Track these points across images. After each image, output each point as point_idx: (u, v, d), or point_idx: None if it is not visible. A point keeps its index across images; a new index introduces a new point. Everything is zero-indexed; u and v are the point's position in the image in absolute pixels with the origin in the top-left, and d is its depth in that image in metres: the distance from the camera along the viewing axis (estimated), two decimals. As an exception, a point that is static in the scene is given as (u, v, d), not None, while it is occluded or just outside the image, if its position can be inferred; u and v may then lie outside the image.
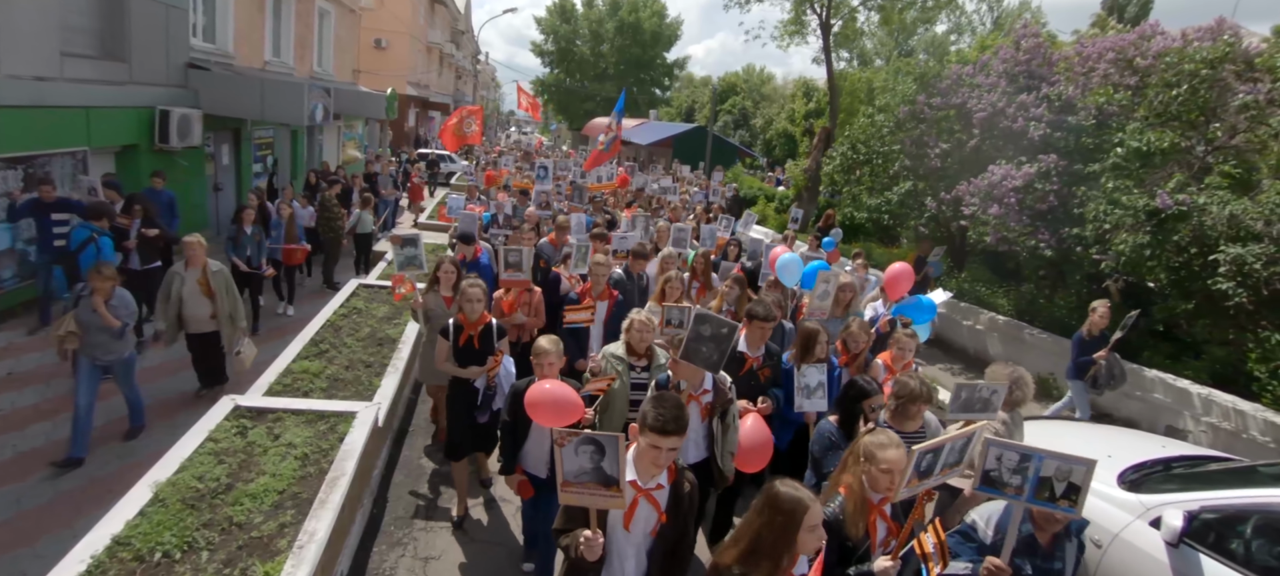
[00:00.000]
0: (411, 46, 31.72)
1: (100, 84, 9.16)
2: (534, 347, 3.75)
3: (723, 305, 5.99)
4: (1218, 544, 3.54)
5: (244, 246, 8.15)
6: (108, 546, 3.25)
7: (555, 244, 7.90)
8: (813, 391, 4.34)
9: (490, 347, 4.49)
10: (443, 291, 5.44)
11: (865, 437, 2.93)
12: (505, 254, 5.58)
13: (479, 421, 4.52)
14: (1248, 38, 9.43)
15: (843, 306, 6.02)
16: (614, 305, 5.71)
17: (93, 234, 6.83)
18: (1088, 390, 6.99)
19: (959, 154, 10.55)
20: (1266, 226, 6.87)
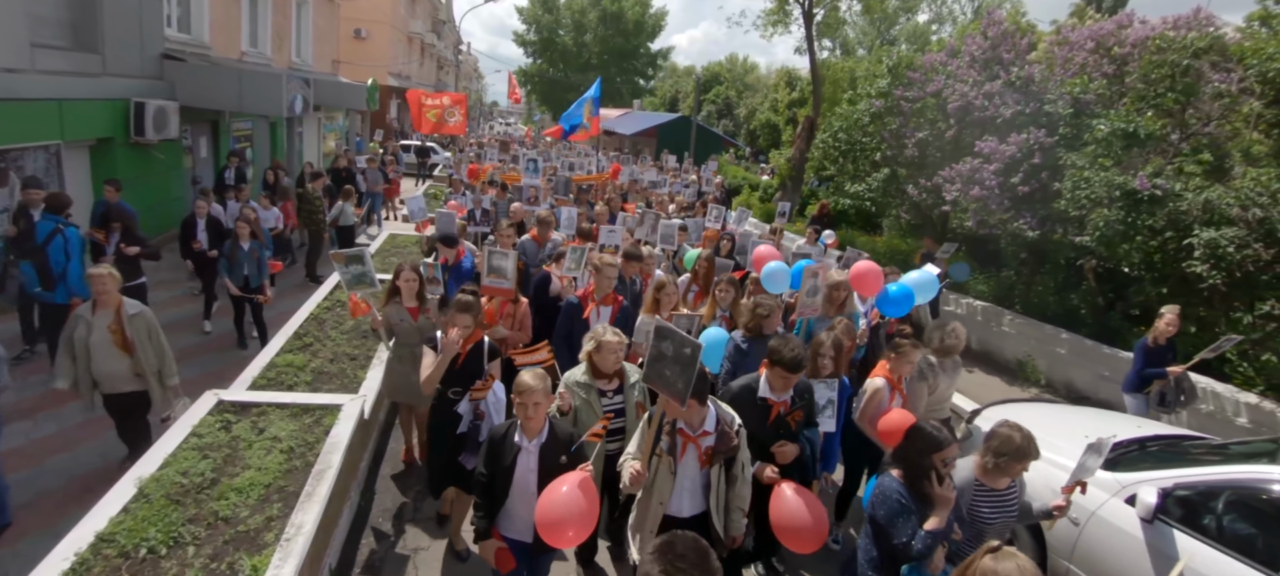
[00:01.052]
0: (392, 37, 31.35)
1: (73, 76, 8.97)
2: (517, 383, 3.10)
3: (716, 312, 5.49)
4: (1189, 519, 3.65)
5: (241, 265, 7.29)
6: (92, 543, 3.21)
7: (538, 241, 7.35)
8: (821, 410, 3.95)
9: (479, 369, 4.05)
10: (405, 302, 4.93)
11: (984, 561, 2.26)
12: (489, 257, 5.08)
13: (465, 465, 3.98)
14: (1221, 27, 9.59)
15: (836, 305, 5.63)
16: (619, 311, 5.13)
17: (58, 226, 6.63)
18: (1149, 407, 6.07)
19: (938, 142, 10.66)
20: (1241, 211, 7.03)
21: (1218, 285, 7.02)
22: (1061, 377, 8.42)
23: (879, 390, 4.29)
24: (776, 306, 4.68)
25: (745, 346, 4.66)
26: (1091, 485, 4.06)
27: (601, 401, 3.63)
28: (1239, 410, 6.62)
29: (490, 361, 4.14)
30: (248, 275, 7.35)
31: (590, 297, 5.10)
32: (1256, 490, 3.57)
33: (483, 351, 4.11)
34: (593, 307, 5.00)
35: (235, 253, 7.25)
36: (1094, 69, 9.64)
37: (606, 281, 5.10)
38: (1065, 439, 4.56)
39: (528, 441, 3.19)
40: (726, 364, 4.70)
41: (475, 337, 4.06)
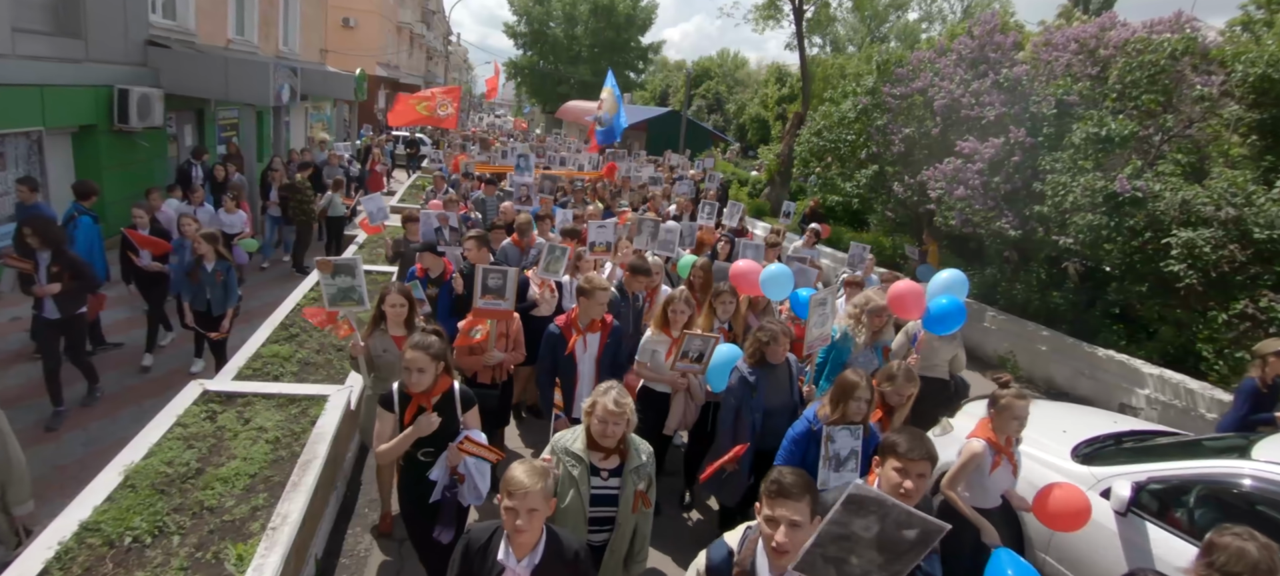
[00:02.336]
0: (381, 26, 31.07)
1: (55, 61, 8.84)
2: (506, 479, 2.26)
3: (714, 325, 4.97)
4: (1162, 512, 3.74)
5: (202, 288, 5.99)
6: (76, 532, 3.21)
7: (520, 246, 6.76)
8: (844, 461, 3.31)
9: (452, 424, 3.28)
10: (391, 329, 4.20)
11: None
12: (484, 276, 4.41)
13: (439, 541, 3.32)
14: (1204, 31, 9.75)
15: (872, 334, 4.92)
16: (609, 335, 4.40)
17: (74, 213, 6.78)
18: None
19: (924, 140, 10.76)
20: (1216, 211, 7.17)
21: (1194, 284, 7.16)
22: (1042, 374, 8.55)
23: (978, 454, 3.56)
24: (781, 332, 4.09)
25: (752, 377, 4.06)
26: (1068, 480, 4.16)
27: (593, 482, 2.87)
28: (1213, 406, 6.77)
29: (466, 411, 3.35)
30: (211, 300, 6.03)
31: (574, 324, 4.30)
32: (1228, 484, 3.67)
33: (454, 401, 3.31)
34: (577, 338, 4.28)
35: (197, 272, 5.95)
36: (1079, 70, 9.77)
37: (596, 306, 4.29)
38: (1045, 435, 4.66)
39: (516, 561, 2.32)
40: (729, 397, 4.14)
41: (443, 386, 3.27)
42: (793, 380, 4.28)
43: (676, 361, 4.24)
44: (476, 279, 4.47)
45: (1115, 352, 7.79)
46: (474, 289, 4.50)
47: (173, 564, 3.11)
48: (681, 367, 4.30)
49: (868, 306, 4.96)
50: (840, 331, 5.00)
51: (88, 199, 6.95)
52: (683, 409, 4.57)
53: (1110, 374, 7.75)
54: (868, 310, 4.95)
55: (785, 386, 4.21)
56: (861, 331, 4.95)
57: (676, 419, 4.57)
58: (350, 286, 4.33)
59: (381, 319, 4.25)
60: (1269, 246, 6.81)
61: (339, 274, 4.31)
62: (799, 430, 3.58)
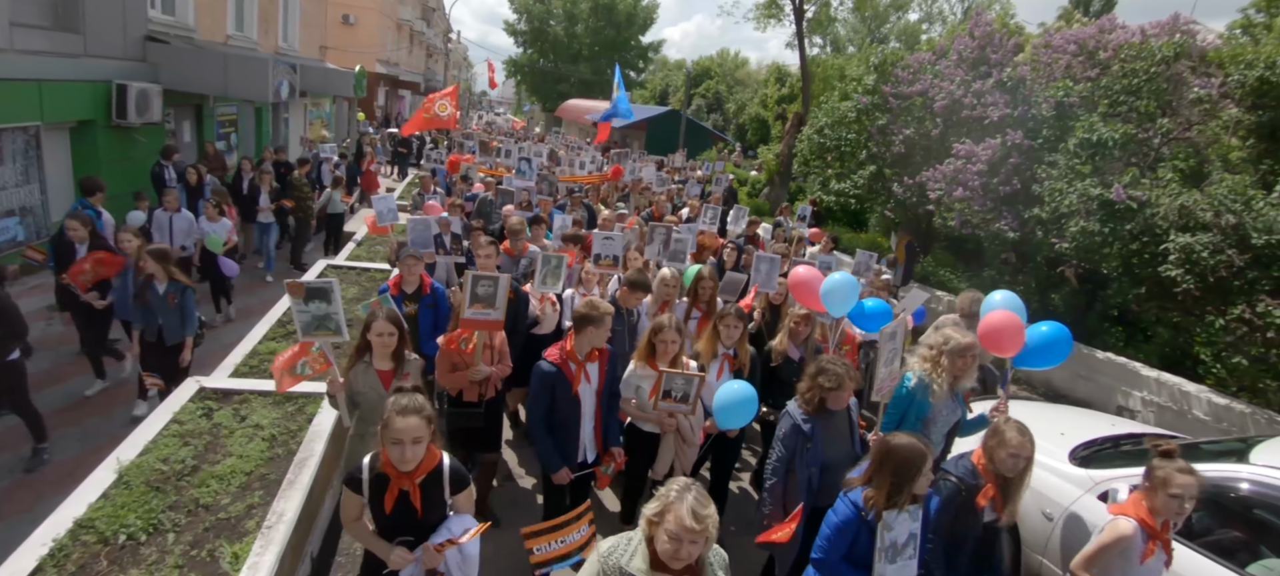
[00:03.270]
0: (380, 23, 31.02)
1: (53, 56, 8.81)
2: None
3: (716, 351, 4.38)
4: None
5: (153, 314, 5.15)
6: (70, 529, 3.20)
7: (511, 254, 6.19)
8: (902, 548, 2.77)
9: (437, 510, 2.72)
10: (376, 363, 3.60)
11: None
12: (472, 283, 3.97)
13: None
14: (1203, 34, 9.75)
15: (954, 379, 3.98)
16: (607, 366, 3.87)
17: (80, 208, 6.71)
18: None
19: (924, 141, 10.77)
20: (1214, 217, 7.17)
21: (1192, 289, 7.16)
22: (1040, 376, 8.55)
23: (1126, 537, 3.02)
24: (847, 376, 3.42)
25: (808, 427, 3.46)
26: (1067, 482, 4.16)
27: None
28: (1209, 409, 6.77)
29: (455, 493, 2.74)
30: (163, 326, 5.19)
31: (572, 357, 3.70)
32: (1225, 488, 3.67)
33: (442, 480, 2.72)
34: (579, 373, 3.71)
35: (146, 294, 5.14)
36: (1078, 73, 9.77)
37: (601, 334, 3.72)
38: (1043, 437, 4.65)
39: None
40: (780, 447, 3.54)
41: (430, 461, 2.66)
42: (853, 426, 3.67)
43: (659, 401, 3.77)
44: (464, 287, 4.03)
45: (1113, 355, 7.80)
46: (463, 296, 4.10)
47: (167, 561, 3.10)
48: (666, 408, 3.82)
49: (948, 346, 3.94)
50: (914, 379, 4.00)
51: (94, 195, 6.90)
52: (673, 452, 4.06)
53: (1108, 376, 7.75)
54: (948, 351, 3.94)
55: (845, 434, 3.59)
56: (940, 376, 3.95)
57: (666, 462, 4.06)
58: (326, 313, 3.67)
59: (365, 350, 3.62)
60: (1267, 251, 6.81)
61: (312, 299, 3.65)
62: (845, 516, 2.88)
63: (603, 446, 3.91)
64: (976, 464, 3.29)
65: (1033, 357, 4.38)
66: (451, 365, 4.14)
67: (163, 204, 7.63)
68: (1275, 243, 6.74)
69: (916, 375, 4.04)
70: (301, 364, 3.72)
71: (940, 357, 3.97)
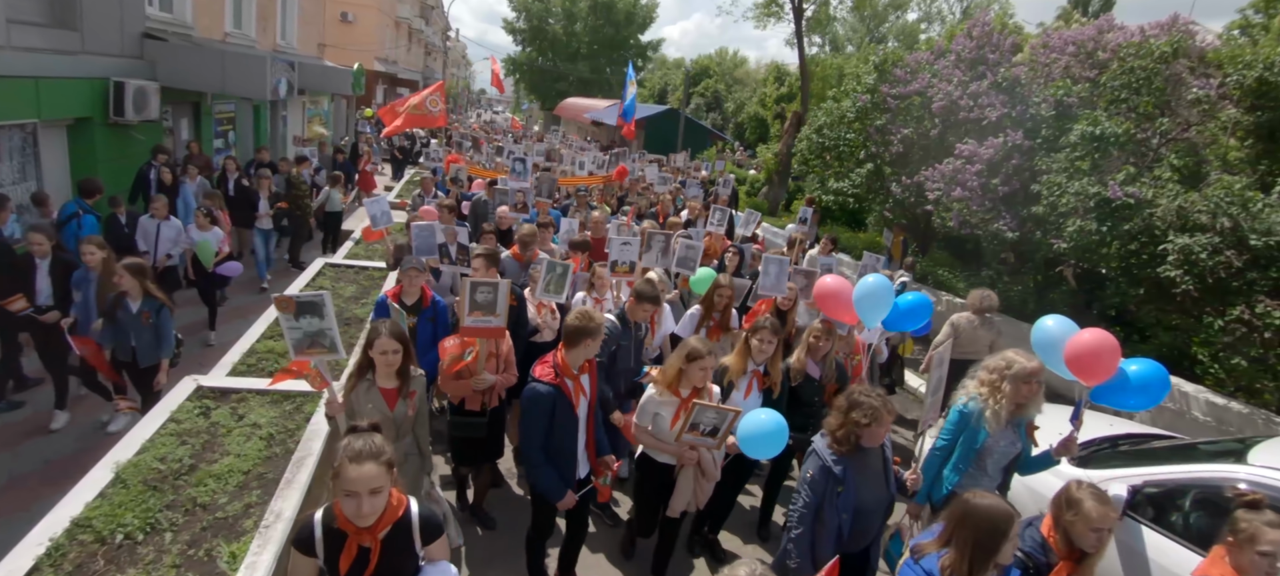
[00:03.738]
0: (379, 21, 30.99)
1: (50, 53, 8.77)
2: None
3: (747, 368, 4.05)
4: (1158, 516, 3.74)
5: (126, 334, 4.83)
6: (67, 528, 3.19)
7: (520, 260, 5.95)
8: None
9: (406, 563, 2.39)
10: (380, 381, 3.44)
11: None
12: (472, 290, 3.87)
13: None
14: (1202, 34, 9.77)
15: (1016, 406, 3.57)
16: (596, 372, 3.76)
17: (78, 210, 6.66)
18: None
19: (922, 141, 10.78)
20: (1212, 218, 7.18)
21: (1190, 290, 7.17)
22: (1038, 376, 8.55)
23: None
24: (884, 410, 3.03)
25: (839, 469, 3.08)
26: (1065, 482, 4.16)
27: None
28: (1208, 410, 6.78)
29: (428, 542, 2.43)
30: (136, 347, 4.85)
31: (566, 372, 3.44)
32: (1223, 488, 3.67)
33: (411, 531, 2.39)
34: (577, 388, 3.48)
35: (117, 312, 4.74)
36: (1077, 73, 9.78)
37: (595, 346, 3.48)
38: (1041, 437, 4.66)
39: None
40: (806, 492, 3.15)
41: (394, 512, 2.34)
42: (888, 464, 3.31)
43: (683, 432, 3.44)
44: (463, 294, 3.91)
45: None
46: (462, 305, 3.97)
47: (165, 561, 3.09)
48: (690, 440, 3.52)
49: (1012, 370, 3.53)
50: (970, 406, 3.65)
51: (92, 197, 6.84)
52: (692, 487, 3.75)
53: (1106, 376, 7.76)
54: (1012, 376, 3.52)
55: (880, 474, 3.25)
56: (1000, 404, 3.54)
57: (684, 498, 3.74)
58: (318, 329, 3.33)
59: (367, 367, 3.43)
60: (1265, 253, 6.82)
61: (304, 314, 3.32)
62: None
63: (594, 456, 3.72)
64: (1046, 537, 2.85)
65: (1119, 394, 3.72)
66: (454, 374, 4.03)
67: (150, 210, 7.21)
68: (1273, 244, 6.75)
69: (972, 400, 3.68)
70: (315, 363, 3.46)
71: (1002, 382, 3.56)
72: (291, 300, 3.32)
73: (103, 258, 5.12)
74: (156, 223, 7.09)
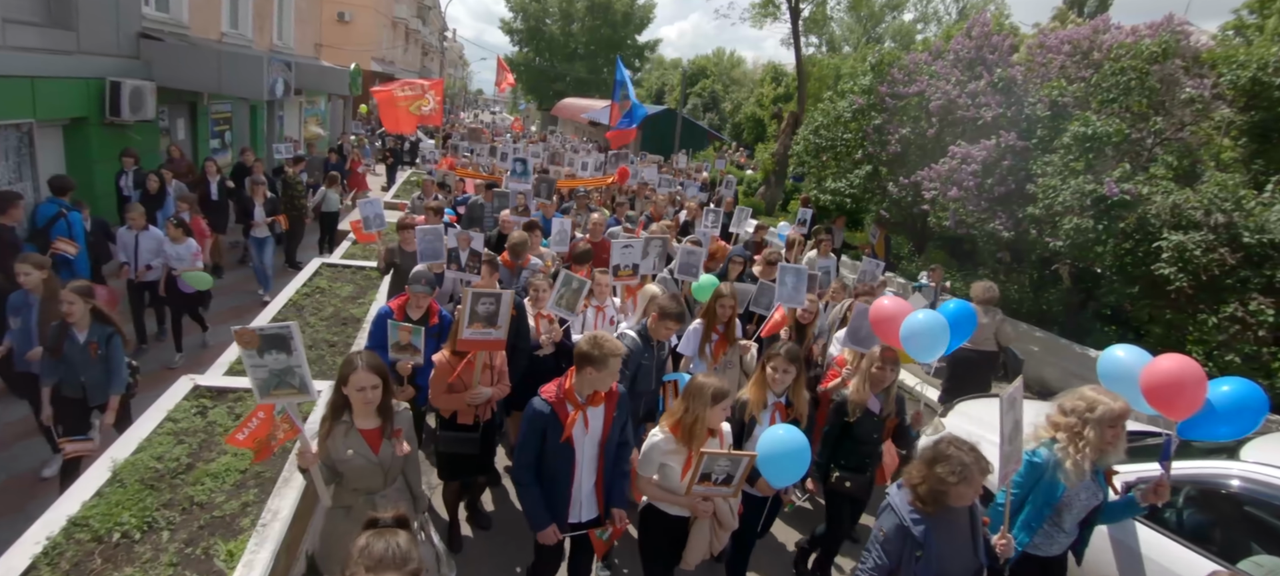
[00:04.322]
0: (376, 21, 30.95)
1: (45, 53, 8.76)
2: None
3: (766, 399, 3.68)
4: (1152, 512, 3.76)
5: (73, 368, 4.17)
6: (64, 527, 3.19)
7: (510, 267, 5.78)
8: None
9: None
10: (359, 421, 2.99)
11: None
12: (473, 301, 3.67)
13: None
14: (1197, 35, 9.81)
15: (1098, 452, 3.14)
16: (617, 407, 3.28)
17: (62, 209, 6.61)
18: None
19: (920, 141, 10.82)
20: (1206, 216, 7.22)
21: (1185, 288, 7.21)
22: (1033, 375, 8.59)
23: None
24: (976, 467, 2.65)
25: (920, 530, 2.71)
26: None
27: None
28: (1203, 408, 6.82)
29: None
30: (86, 383, 4.21)
31: (570, 397, 3.15)
32: (1216, 485, 3.70)
33: None
34: (575, 416, 3.14)
35: (61, 344, 4.13)
36: (1072, 73, 9.82)
37: (607, 376, 3.11)
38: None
39: None
40: (878, 553, 2.79)
41: None
42: (976, 528, 2.89)
43: (694, 483, 3.05)
44: (464, 304, 3.70)
45: (1106, 354, 7.85)
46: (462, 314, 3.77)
47: (162, 559, 3.10)
48: (702, 492, 3.12)
49: (1096, 413, 3.10)
50: (1043, 455, 3.22)
51: (66, 194, 6.75)
52: (708, 539, 3.34)
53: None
54: (1096, 419, 3.10)
55: (966, 535, 2.84)
56: (1081, 451, 3.13)
57: (700, 552, 3.35)
58: (286, 367, 2.88)
59: (344, 407, 2.97)
60: (1259, 250, 6.86)
61: (269, 350, 2.84)
62: None
63: (604, 506, 3.33)
64: None
65: (1209, 424, 3.29)
66: (447, 387, 3.86)
67: (127, 221, 6.70)
68: (1266, 242, 6.80)
69: (1045, 447, 3.25)
70: (270, 432, 2.98)
71: (1084, 428, 3.13)
72: (254, 334, 2.82)
73: (41, 279, 4.42)
74: (135, 233, 6.64)
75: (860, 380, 4.00)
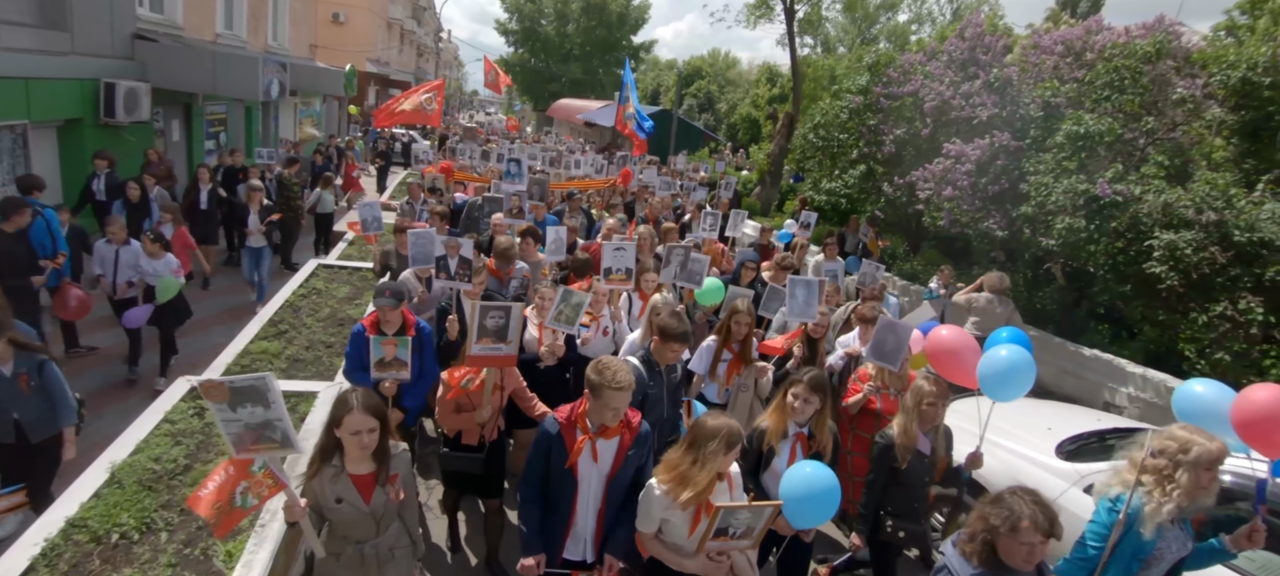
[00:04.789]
0: (371, 22, 30.92)
1: (40, 54, 8.74)
2: None
3: (787, 429, 3.40)
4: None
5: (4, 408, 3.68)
6: (62, 528, 3.19)
7: (498, 276, 5.56)
8: None
9: None
10: (351, 466, 2.73)
11: None
12: (481, 314, 3.47)
13: None
14: (1188, 35, 9.88)
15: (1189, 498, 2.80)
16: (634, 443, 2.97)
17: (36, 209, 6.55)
18: None
19: (914, 141, 10.88)
20: (1197, 214, 7.28)
21: (1176, 286, 7.26)
22: (1028, 373, 8.64)
23: None
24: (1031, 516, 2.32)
25: None
26: (1053, 476, 4.23)
27: None
28: (1194, 406, 6.87)
29: None
30: (22, 421, 3.76)
31: (580, 423, 2.91)
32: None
33: None
34: (583, 444, 2.88)
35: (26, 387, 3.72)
36: (1065, 73, 9.89)
37: (608, 411, 2.83)
38: (1030, 432, 4.75)
39: None
40: None
41: None
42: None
43: (708, 540, 2.65)
44: (471, 318, 3.48)
45: (1100, 352, 7.90)
46: (468, 329, 3.56)
47: (161, 560, 3.10)
48: (717, 547, 2.74)
49: (1190, 456, 2.77)
50: (1128, 502, 2.84)
51: (37, 193, 6.65)
52: None
53: (1095, 372, 7.85)
54: (1190, 463, 2.76)
55: None
56: (1170, 498, 2.78)
57: None
58: (264, 420, 2.47)
59: (334, 450, 2.69)
60: (1249, 249, 6.92)
61: (242, 403, 2.42)
62: None
63: (600, 551, 3.03)
64: None
65: None
66: (455, 406, 3.68)
67: (107, 233, 6.23)
68: (1257, 240, 6.86)
69: (1130, 493, 2.85)
70: (240, 491, 2.55)
71: (1176, 471, 2.78)
72: (223, 387, 2.38)
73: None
74: (115, 248, 6.13)
75: (907, 419, 3.54)
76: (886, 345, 4.24)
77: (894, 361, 4.18)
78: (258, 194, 8.50)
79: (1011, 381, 3.61)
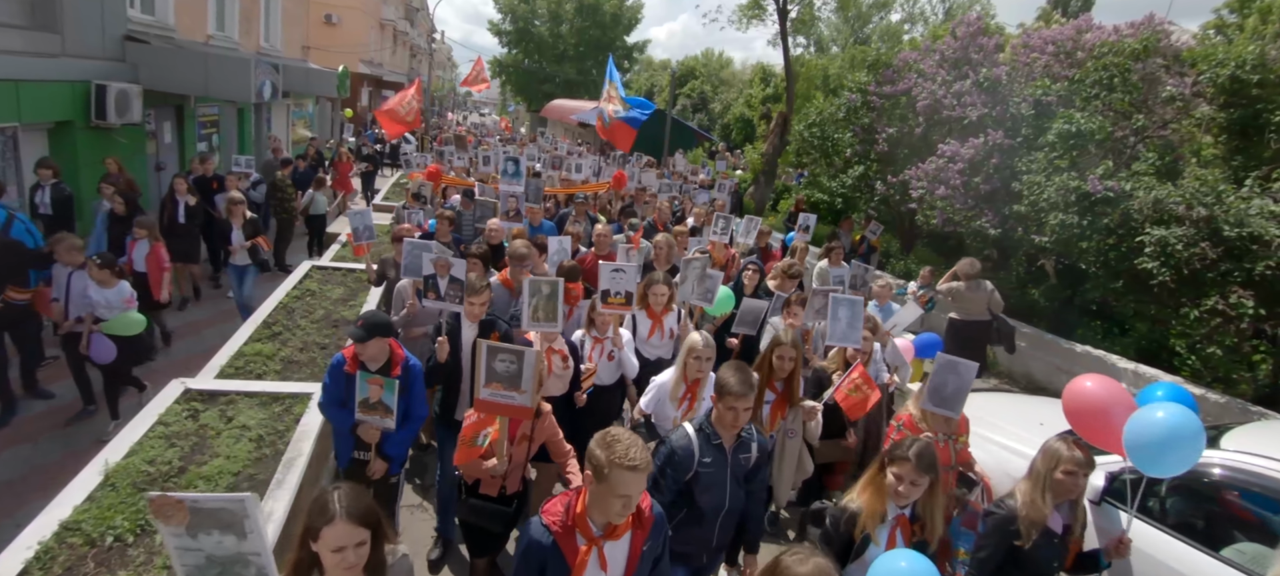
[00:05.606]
0: (364, 23, 30.80)
1: (30, 56, 8.68)
2: None
3: (886, 511, 2.76)
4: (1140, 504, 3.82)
5: None
6: (56, 532, 3.18)
7: (510, 286, 5.13)
8: None
9: None
10: None
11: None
12: (489, 355, 2.98)
13: None
14: (1178, 34, 9.96)
15: None
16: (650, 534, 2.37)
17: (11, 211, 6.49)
18: None
19: (907, 140, 10.93)
20: (1187, 211, 7.33)
21: (1167, 282, 7.32)
22: (1020, 369, 8.69)
23: None
24: None
25: None
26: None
27: None
28: (1185, 401, 6.93)
29: None
30: None
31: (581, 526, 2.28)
32: (1197, 473, 3.76)
33: None
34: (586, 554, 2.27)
35: None
36: (1056, 72, 9.95)
37: (616, 501, 2.18)
38: (1022, 427, 4.77)
39: None
40: None
41: None
42: None
43: None
44: (479, 359, 2.98)
45: (1091, 348, 7.96)
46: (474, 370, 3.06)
47: (155, 563, 3.09)
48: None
49: None
50: None
51: None
52: None
53: (1087, 368, 7.89)
54: None
55: None
56: None
57: None
58: (235, 555, 1.85)
59: (312, 566, 1.96)
60: (1239, 244, 6.98)
61: (201, 529, 1.82)
62: None
63: None
64: None
65: None
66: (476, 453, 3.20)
67: (57, 254, 5.40)
68: (1246, 236, 6.91)
69: None
70: None
71: None
72: (181, 507, 1.79)
73: None
74: (69, 272, 5.34)
75: (1036, 488, 2.88)
76: (946, 388, 3.47)
77: (955, 407, 3.45)
78: (240, 207, 7.68)
79: (1170, 452, 2.94)
